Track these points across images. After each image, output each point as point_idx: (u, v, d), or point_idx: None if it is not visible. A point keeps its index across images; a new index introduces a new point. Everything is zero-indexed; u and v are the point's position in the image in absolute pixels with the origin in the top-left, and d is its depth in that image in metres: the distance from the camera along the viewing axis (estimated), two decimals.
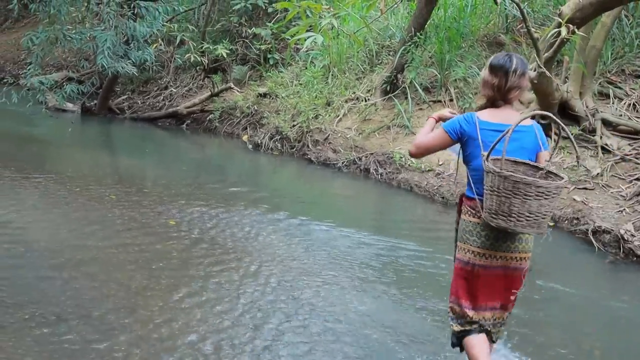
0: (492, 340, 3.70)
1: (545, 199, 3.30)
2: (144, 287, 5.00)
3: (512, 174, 3.30)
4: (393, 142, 9.63)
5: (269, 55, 12.90)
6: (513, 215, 3.32)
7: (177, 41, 13.76)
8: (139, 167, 9.99)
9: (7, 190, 7.44)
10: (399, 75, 10.44)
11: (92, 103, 13.92)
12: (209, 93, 12.93)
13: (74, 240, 5.93)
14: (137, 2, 11.99)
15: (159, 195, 7.85)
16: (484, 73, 3.63)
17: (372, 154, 9.64)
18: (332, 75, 11.41)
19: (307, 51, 11.97)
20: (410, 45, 10.09)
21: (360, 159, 9.69)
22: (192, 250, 5.96)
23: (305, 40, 4.48)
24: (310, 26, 4.82)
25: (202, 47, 13.16)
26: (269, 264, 5.73)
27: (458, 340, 3.71)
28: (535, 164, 3.55)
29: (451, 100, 9.99)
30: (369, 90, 10.87)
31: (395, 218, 8.09)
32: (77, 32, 11.82)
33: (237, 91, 12.66)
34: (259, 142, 11.16)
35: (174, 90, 14.05)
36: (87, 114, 13.75)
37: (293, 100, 11.26)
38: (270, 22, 12.93)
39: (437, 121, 3.87)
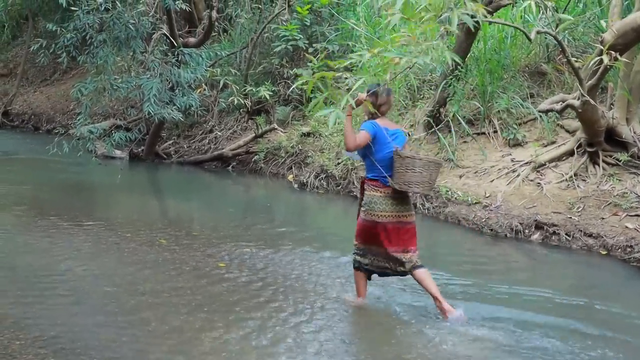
0: (403, 273, 5.48)
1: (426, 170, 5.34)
2: (198, 330, 5.05)
3: (426, 158, 5.51)
4: (438, 176, 9.60)
5: (311, 95, 13.01)
6: (428, 182, 5.38)
7: (220, 85, 13.99)
8: (187, 211, 10.13)
9: (62, 238, 7.62)
10: (441, 109, 10.46)
11: (139, 149, 14.19)
12: (253, 135, 13.09)
13: (127, 286, 6.03)
14: (180, 49, 12.26)
15: (208, 237, 7.94)
16: (385, 98, 5.51)
17: None
18: None
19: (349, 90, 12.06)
20: (451, 78, 10.11)
21: None
22: (243, 292, 6.00)
23: (330, 116, 4.45)
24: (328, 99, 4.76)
25: (244, 90, 13.35)
26: (321, 303, 5.74)
27: (357, 265, 5.56)
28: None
29: (495, 131, 9.96)
30: (412, 125, 10.90)
31: (444, 252, 8.04)
32: (123, 81, 12.12)
33: (281, 131, 12.80)
34: (305, 181, 11.24)
35: (218, 133, 14.25)
36: (135, 160, 14.02)
37: (337, 139, 11.33)
38: (310, 62, 13.07)
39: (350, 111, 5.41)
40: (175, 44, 12.41)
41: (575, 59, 7.22)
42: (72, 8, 11.13)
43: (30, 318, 5.17)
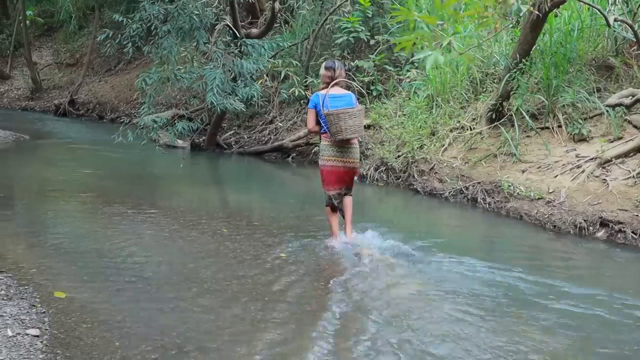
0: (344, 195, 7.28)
1: (355, 117, 6.82)
2: (259, 320, 5.09)
3: (334, 112, 6.79)
4: (500, 171, 9.49)
5: (372, 87, 12.99)
6: (343, 130, 6.80)
7: (282, 76, 14.08)
8: (247, 201, 10.22)
9: (126, 225, 7.78)
10: (504, 103, 10.30)
11: (201, 139, 14.38)
12: None
13: (189, 273, 6.11)
14: (243, 40, 12.36)
15: (268, 228, 8.00)
16: (322, 71, 7.21)
17: (479, 183, 9.53)
18: (436, 104, 11.38)
19: (410, 82, 12.01)
20: (515, 72, 9.95)
21: (467, 188, 9.59)
22: (303, 282, 6.02)
23: (427, 58, 4.27)
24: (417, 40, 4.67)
25: (305, 81, 13.41)
26: (381, 295, 5.72)
27: (330, 202, 7.29)
28: (353, 107, 6.93)
29: (559, 126, 9.77)
30: (474, 119, 10.78)
31: (506, 247, 7.92)
32: (186, 71, 12.29)
33: None
34: (364, 173, 11.22)
35: (279, 124, 14.34)
36: (196, 150, 14.22)
37: (397, 131, 11.29)
38: (372, 54, 13.04)
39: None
40: (238, 35, 12.52)
41: None
42: None
43: (96, 302, 5.30)
